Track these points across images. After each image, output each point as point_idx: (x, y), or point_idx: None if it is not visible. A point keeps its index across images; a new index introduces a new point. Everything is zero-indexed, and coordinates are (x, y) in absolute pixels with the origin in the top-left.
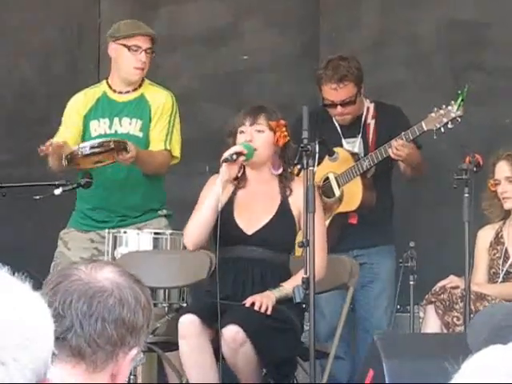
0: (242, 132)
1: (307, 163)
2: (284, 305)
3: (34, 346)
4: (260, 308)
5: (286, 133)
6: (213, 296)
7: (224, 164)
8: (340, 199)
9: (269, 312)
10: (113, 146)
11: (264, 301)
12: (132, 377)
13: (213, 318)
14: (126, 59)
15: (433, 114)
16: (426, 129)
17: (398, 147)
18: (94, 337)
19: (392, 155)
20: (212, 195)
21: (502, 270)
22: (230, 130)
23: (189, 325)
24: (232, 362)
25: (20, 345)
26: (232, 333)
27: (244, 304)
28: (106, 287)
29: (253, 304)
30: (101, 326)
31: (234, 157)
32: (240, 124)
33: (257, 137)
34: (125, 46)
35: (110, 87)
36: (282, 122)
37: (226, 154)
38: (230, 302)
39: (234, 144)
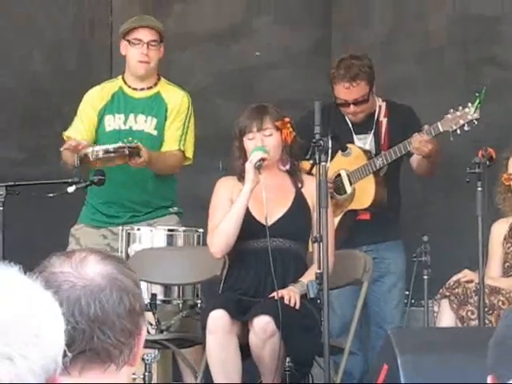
0: (250, 139)
1: (320, 158)
2: (304, 300)
3: (43, 343)
4: (289, 302)
5: (291, 129)
6: (235, 291)
7: (252, 172)
8: (351, 196)
9: (297, 306)
10: (127, 153)
11: (292, 295)
12: (147, 373)
13: (241, 313)
14: (130, 54)
15: (449, 116)
16: (441, 130)
17: (422, 143)
18: (117, 337)
19: (413, 151)
20: (240, 203)
21: None
22: (235, 132)
23: (218, 320)
24: (258, 354)
25: (28, 342)
26: (263, 323)
27: (273, 297)
28: (104, 283)
29: (281, 298)
30: (119, 324)
31: (261, 162)
32: (247, 130)
33: (266, 141)
34: (128, 40)
35: (125, 83)
36: (287, 119)
37: (255, 163)
38: (257, 299)
39: (241, 147)
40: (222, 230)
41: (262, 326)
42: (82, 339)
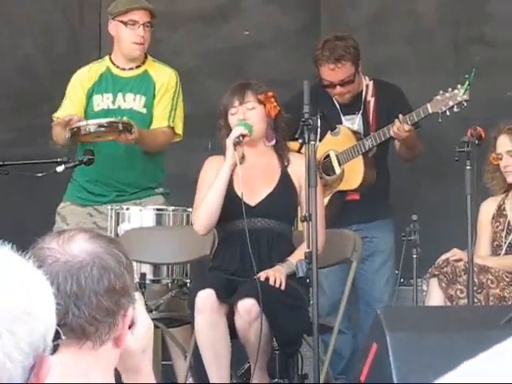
0: (233, 114)
1: (309, 137)
2: (291, 279)
3: (31, 321)
4: (274, 282)
5: (275, 103)
6: (222, 271)
7: (231, 148)
8: (340, 177)
9: (283, 287)
10: (121, 129)
11: (277, 275)
12: None
13: (228, 293)
14: (125, 35)
15: (438, 97)
16: (431, 111)
17: (400, 128)
18: (93, 313)
19: (392, 134)
20: (221, 179)
21: (505, 243)
22: (220, 110)
23: (206, 299)
24: (244, 336)
25: (16, 318)
26: (247, 306)
27: (258, 278)
28: (87, 260)
29: (266, 278)
30: (95, 301)
31: (241, 138)
32: (230, 105)
33: (249, 114)
34: (122, 22)
35: (113, 63)
36: (270, 93)
37: (233, 139)
38: (244, 279)
39: (226, 125)
40: (204, 206)
41: (247, 308)
42: (57, 314)
